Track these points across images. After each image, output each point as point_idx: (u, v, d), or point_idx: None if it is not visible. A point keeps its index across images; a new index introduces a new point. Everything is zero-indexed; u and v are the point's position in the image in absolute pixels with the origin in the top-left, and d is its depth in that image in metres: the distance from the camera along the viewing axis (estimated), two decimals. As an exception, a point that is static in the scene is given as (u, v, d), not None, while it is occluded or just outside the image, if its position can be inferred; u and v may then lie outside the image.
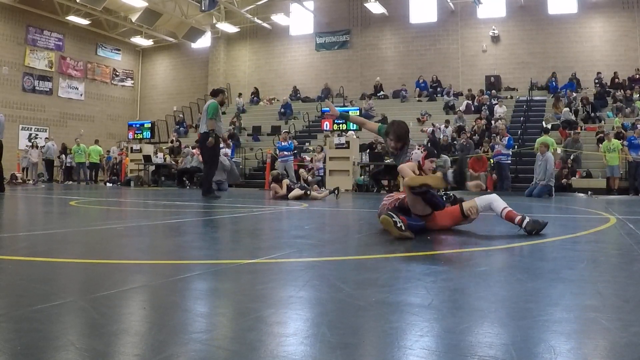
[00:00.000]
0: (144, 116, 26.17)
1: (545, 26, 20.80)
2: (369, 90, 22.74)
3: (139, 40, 26.64)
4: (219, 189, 13.30)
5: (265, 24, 24.60)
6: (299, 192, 8.76)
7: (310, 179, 14.02)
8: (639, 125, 14.44)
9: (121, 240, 3.39)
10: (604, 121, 16.55)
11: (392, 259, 2.68)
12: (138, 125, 18.50)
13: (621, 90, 17.94)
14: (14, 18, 22.67)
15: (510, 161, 14.05)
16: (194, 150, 16.20)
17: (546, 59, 20.63)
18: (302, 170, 14.57)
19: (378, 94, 22.34)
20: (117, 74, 27.59)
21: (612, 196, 11.99)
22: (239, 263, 2.42)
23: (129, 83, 28.02)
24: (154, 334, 1.35)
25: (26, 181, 16.91)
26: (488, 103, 18.93)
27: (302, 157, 16.68)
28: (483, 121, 16.97)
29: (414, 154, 4.16)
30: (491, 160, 14.17)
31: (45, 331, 1.32)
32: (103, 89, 26.77)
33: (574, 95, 18.31)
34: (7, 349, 1.21)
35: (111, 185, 17.70)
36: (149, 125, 18.22)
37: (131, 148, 17.94)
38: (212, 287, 1.98)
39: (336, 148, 12.71)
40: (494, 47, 21.62)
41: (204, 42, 25.99)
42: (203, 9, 20.38)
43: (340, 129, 13.47)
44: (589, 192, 12.40)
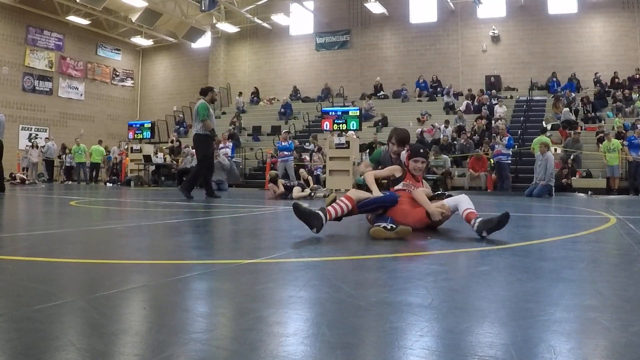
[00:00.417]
0: (144, 116, 26.17)
1: (545, 26, 20.81)
2: (369, 90, 22.74)
3: (139, 40, 26.64)
4: (219, 189, 13.30)
5: (265, 24, 24.60)
6: (304, 194, 8.93)
7: (310, 179, 14.00)
8: (639, 125, 14.44)
9: (121, 240, 3.39)
10: (604, 121, 16.55)
11: (392, 259, 2.68)
12: (138, 125, 18.49)
13: (621, 90, 17.94)
14: (14, 18, 22.68)
15: (510, 161, 14.06)
16: (194, 150, 16.18)
17: (546, 59, 20.64)
18: (302, 170, 14.56)
19: (378, 94, 22.34)
20: (117, 74, 27.59)
21: (612, 196, 11.99)
22: (239, 263, 2.42)
23: (129, 83, 28.03)
24: (154, 334, 1.35)
25: (26, 181, 16.86)
26: (488, 103, 18.93)
27: (303, 157, 16.68)
28: (483, 121, 16.96)
29: (401, 156, 4.17)
30: (491, 160, 14.17)
31: (45, 331, 1.32)
32: (103, 89, 26.77)
33: (574, 95, 18.31)
34: (7, 349, 1.21)
35: (111, 185, 17.70)
36: (149, 125, 18.21)
37: (131, 148, 17.94)
38: (212, 287, 1.98)
39: (336, 148, 12.68)
40: (494, 47, 21.62)
41: (204, 42, 25.99)
42: (203, 9, 20.38)
43: (340, 128, 13.44)
44: (589, 192, 12.40)
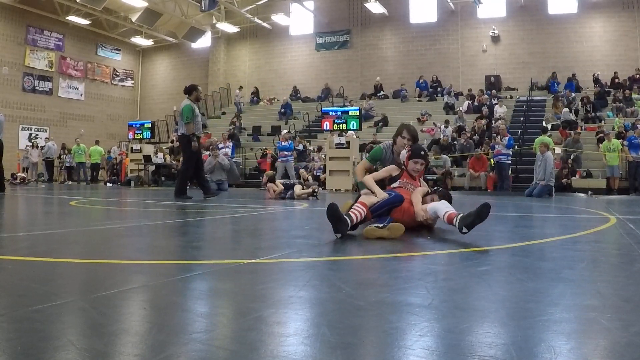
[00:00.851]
0: (144, 116, 26.17)
1: (545, 26, 20.81)
2: (369, 90, 22.75)
3: (139, 40, 26.65)
4: (219, 189, 13.30)
5: (265, 24, 24.60)
6: (307, 191, 8.95)
7: (310, 179, 14.02)
8: (639, 125, 14.43)
9: (121, 240, 3.39)
10: (604, 121, 16.55)
11: (392, 259, 2.68)
12: (138, 125, 18.50)
13: (621, 90, 17.94)
14: (14, 18, 22.68)
15: (510, 161, 14.05)
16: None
17: (546, 59, 20.64)
18: (302, 170, 14.58)
19: (378, 94, 22.35)
20: (117, 74, 27.60)
21: (612, 196, 11.99)
22: (239, 263, 2.42)
23: (129, 83, 28.03)
24: (154, 334, 1.35)
25: (26, 180, 16.79)
26: (488, 103, 18.93)
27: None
28: (483, 121, 16.96)
29: (401, 155, 4.19)
30: (491, 160, 14.17)
31: (45, 331, 1.32)
32: (103, 89, 26.78)
33: (574, 95, 18.31)
34: (7, 349, 1.21)
35: (111, 185, 17.71)
36: (149, 125, 18.22)
37: (131, 148, 17.94)
38: (212, 287, 1.98)
39: (336, 148, 12.69)
40: (494, 47, 21.62)
41: (204, 42, 25.99)
42: (203, 9, 20.39)
43: (340, 129, 13.45)
44: (589, 192, 12.40)
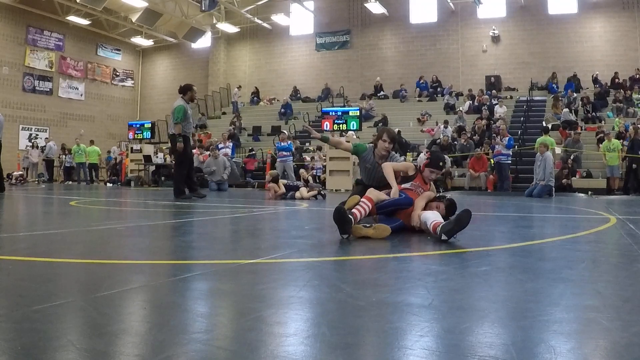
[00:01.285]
0: (144, 116, 26.16)
1: (545, 26, 20.80)
2: (369, 90, 22.74)
3: (139, 40, 26.64)
4: (219, 189, 13.30)
5: (265, 24, 24.60)
6: (313, 193, 9.02)
7: (310, 179, 14.02)
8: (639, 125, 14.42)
9: (121, 240, 3.39)
10: (604, 121, 16.54)
11: (392, 259, 2.68)
12: (138, 125, 18.49)
13: (621, 90, 17.94)
14: (14, 18, 22.68)
15: (510, 161, 14.03)
16: (194, 151, 16.19)
17: (546, 59, 20.63)
18: (302, 170, 14.57)
19: (378, 94, 22.34)
20: (118, 74, 27.59)
21: (612, 196, 11.99)
22: (239, 263, 2.42)
23: (129, 83, 28.02)
24: (154, 334, 1.35)
25: (22, 181, 16.65)
26: (488, 103, 18.93)
27: (303, 157, 16.69)
28: (483, 121, 16.96)
29: (419, 157, 4.20)
30: (491, 160, 14.17)
31: (45, 331, 1.32)
32: (103, 89, 26.77)
33: (574, 95, 18.31)
34: (7, 349, 1.21)
35: (111, 185, 17.70)
36: (149, 126, 18.20)
37: (131, 148, 17.94)
38: (212, 287, 1.98)
39: (336, 148, 12.69)
40: (494, 47, 21.62)
41: (204, 42, 25.98)
42: (203, 9, 20.38)
43: (340, 129, 13.44)
44: (589, 192, 12.40)
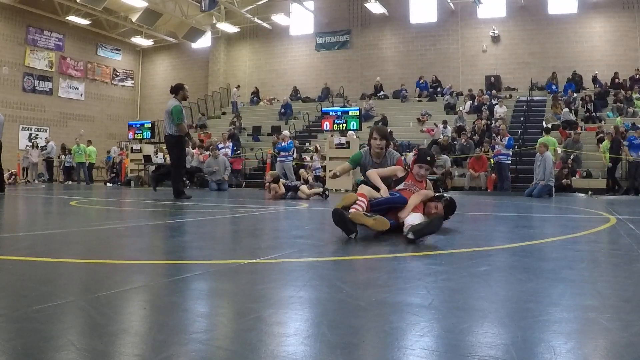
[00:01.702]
0: (144, 116, 26.15)
1: (545, 26, 20.80)
2: (369, 90, 22.74)
3: (139, 40, 26.64)
4: (219, 189, 13.30)
5: (265, 24, 24.60)
6: (318, 190, 9.10)
7: (310, 179, 14.02)
8: (639, 125, 14.43)
9: (121, 240, 3.39)
10: (604, 121, 16.54)
11: (392, 259, 2.68)
12: (138, 125, 18.49)
13: (621, 90, 17.94)
14: (14, 18, 22.67)
15: (510, 161, 14.03)
16: (194, 151, 16.20)
17: (546, 59, 20.63)
18: (302, 170, 14.58)
19: (378, 94, 22.34)
20: (117, 74, 27.59)
21: (612, 196, 11.99)
22: (239, 263, 2.42)
23: (129, 83, 28.02)
24: (154, 334, 1.35)
25: (18, 181, 16.54)
26: (488, 103, 18.93)
27: (303, 157, 16.69)
28: (483, 121, 16.97)
29: (408, 156, 4.21)
30: (491, 160, 14.17)
31: (45, 331, 1.32)
32: (103, 89, 26.77)
33: (574, 95, 18.31)
34: (7, 349, 1.21)
35: (111, 185, 17.71)
36: (149, 125, 18.21)
37: (131, 148, 17.94)
38: (212, 287, 1.98)
39: (336, 148, 12.69)
40: (494, 47, 21.62)
41: (204, 42, 25.98)
42: (203, 9, 20.37)
43: (340, 129, 13.45)
44: (589, 192, 12.40)
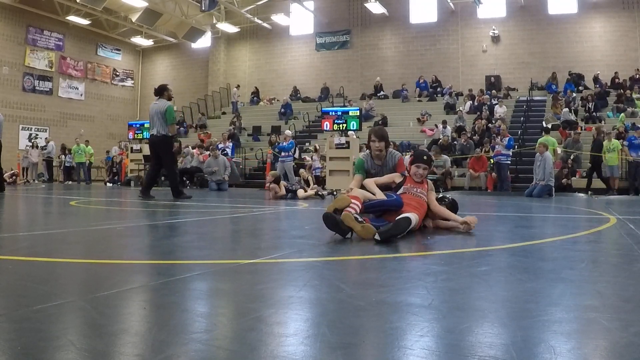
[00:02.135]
0: (144, 116, 26.10)
1: (545, 26, 20.81)
2: (369, 90, 22.74)
3: (139, 40, 26.64)
4: (219, 189, 13.30)
5: (265, 24, 24.60)
6: (310, 193, 9.11)
7: (310, 179, 14.02)
8: (639, 125, 14.42)
9: (121, 240, 3.39)
10: (604, 121, 16.54)
11: (392, 259, 2.68)
12: (138, 125, 18.44)
13: (621, 90, 17.95)
14: (14, 18, 22.67)
15: (510, 162, 14.01)
16: (194, 151, 16.19)
17: (546, 59, 20.64)
18: (302, 170, 14.57)
19: (378, 94, 22.35)
20: (117, 74, 27.59)
21: (612, 196, 11.98)
22: (239, 263, 2.42)
23: (129, 83, 28.02)
24: (154, 334, 1.35)
25: (18, 181, 16.47)
26: (489, 103, 18.94)
27: (303, 157, 16.70)
28: (483, 121, 16.97)
29: (405, 158, 4.20)
30: (491, 160, 14.16)
31: (45, 331, 1.32)
32: (103, 89, 26.77)
33: (574, 95, 18.32)
34: (7, 349, 1.21)
35: (111, 185, 17.70)
36: (149, 126, 18.18)
37: (131, 148, 17.93)
38: (212, 287, 1.98)
39: (336, 148, 12.67)
40: (494, 47, 21.62)
41: (204, 42, 25.99)
42: (203, 9, 20.38)
43: (340, 129, 13.44)
44: (589, 192, 12.40)
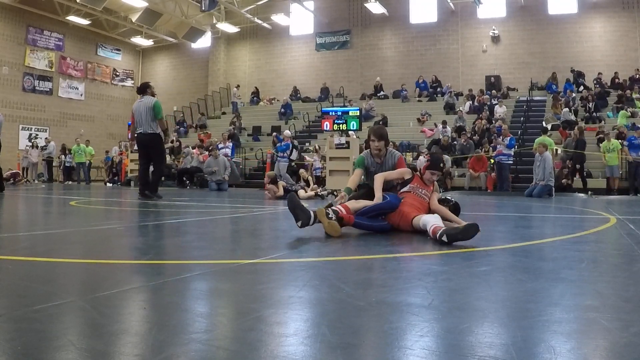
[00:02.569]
0: (144, 116, 26.11)
1: (545, 26, 20.81)
2: (369, 90, 22.74)
3: (139, 40, 26.64)
4: (219, 189, 13.30)
5: (265, 24, 24.60)
6: (311, 194, 9.16)
7: (310, 179, 14.01)
8: (639, 125, 14.42)
9: (121, 240, 3.39)
10: (604, 121, 16.54)
11: (392, 259, 2.68)
12: (138, 125, 18.44)
13: (622, 90, 17.95)
14: (14, 18, 22.67)
15: (512, 161, 14.00)
16: (194, 151, 16.19)
17: (546, 59, 20.64)
18: (302, 171, 14.57)
19: (378, 94, 22.34)
20: (117, 74, 27.59)
21: (612, 196, 11.99)
22: (239, 263, 2.42)
23: (129, 83, 28.02)
24: (154, 334, 1.35)
25: (15, 181, 16.41)
26: (489, 103, 18.93)
27: (303, 157, 16.69)
28: (483, 121, 16.97)
29: (419, 160, 4.22)
30: (491, 160, 14.16)
31: (45, 331, 1.32)
32: (103, 89, 26.77)
33: (573, 95, 18.32)
34: (7, 349, 1.21)
35: (111, 185, 17.70)
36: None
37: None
38: (212, 287, 1.98)
39: (336, 148, 12.67)
40: (494, 47, 21.62)
41: (204, 42, 25.98)
42: (203, 9, 20.37)
43: (340, 129, 13.44)
44: (589, 192, 12.40)
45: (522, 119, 17.54)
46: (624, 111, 16.15)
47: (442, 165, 4.10)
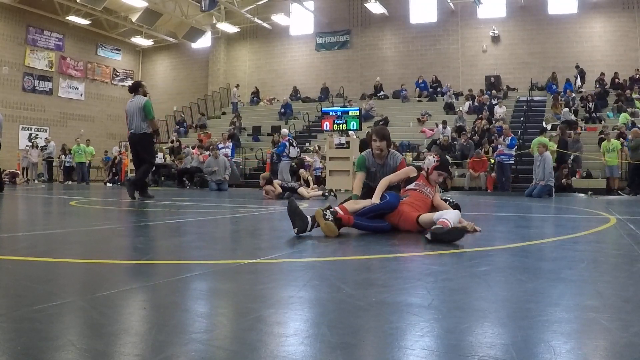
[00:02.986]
0: (144, 116, 26.12)
1: (545, 26, 20.81)
2: (369, 90, 22.75)
3: (139, 40, 26.64)
4: (219, 189, 13.29)
5: (265, 24, 24.60)
6: (318, 193, 9.20)
7: (310, 179, 14.02)
8: (639, 125, 14.42)
9: (121, 240, 3.39)
10: (604, 121, 16.54)
11: (392, 259, 2.68)
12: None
13: (622, 90, 17.95)
14: (14, 18, 22.67)
15: (513, 161, 13.99)
16: (194, 150, 16.19)
17: (546, 59, 20.64)
18: (302, 170, 14.58)
19: (378, 94, 22.35)
20: (117, 74, 27.59)
21: (612, 196, 11.99)
22: (239, 263, 2.42)
23: (129, 83, 27.96)
24: (154, 334, 1.35)
25: (13, 181, 16.37)
26: (488, 103, 18.93)
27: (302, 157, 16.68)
28: (483, 121, 16.96)
29: (426, 160, 4.20)
30: (492, 160, 14.15)
31: (45, 331, 1.32)
32: (103, 89, 26.77)
33: (573, 95, 18.32)
34: (7, 349, 1.21)
35: (111, 185, 17.70)
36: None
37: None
38: (212, 287, 1.98)
39: (336, 148, 12.68)
40: (494, 47, 21.62)
41: (204, 42, 25.99)
42: (203, 9, 20.38)
43: (341, 129, 13.44)
44: (589, 193, 12.40)
45: (522, 119, 17.53)
46: (625, 113, 16.14)
47: (450, 167, 4.14)
